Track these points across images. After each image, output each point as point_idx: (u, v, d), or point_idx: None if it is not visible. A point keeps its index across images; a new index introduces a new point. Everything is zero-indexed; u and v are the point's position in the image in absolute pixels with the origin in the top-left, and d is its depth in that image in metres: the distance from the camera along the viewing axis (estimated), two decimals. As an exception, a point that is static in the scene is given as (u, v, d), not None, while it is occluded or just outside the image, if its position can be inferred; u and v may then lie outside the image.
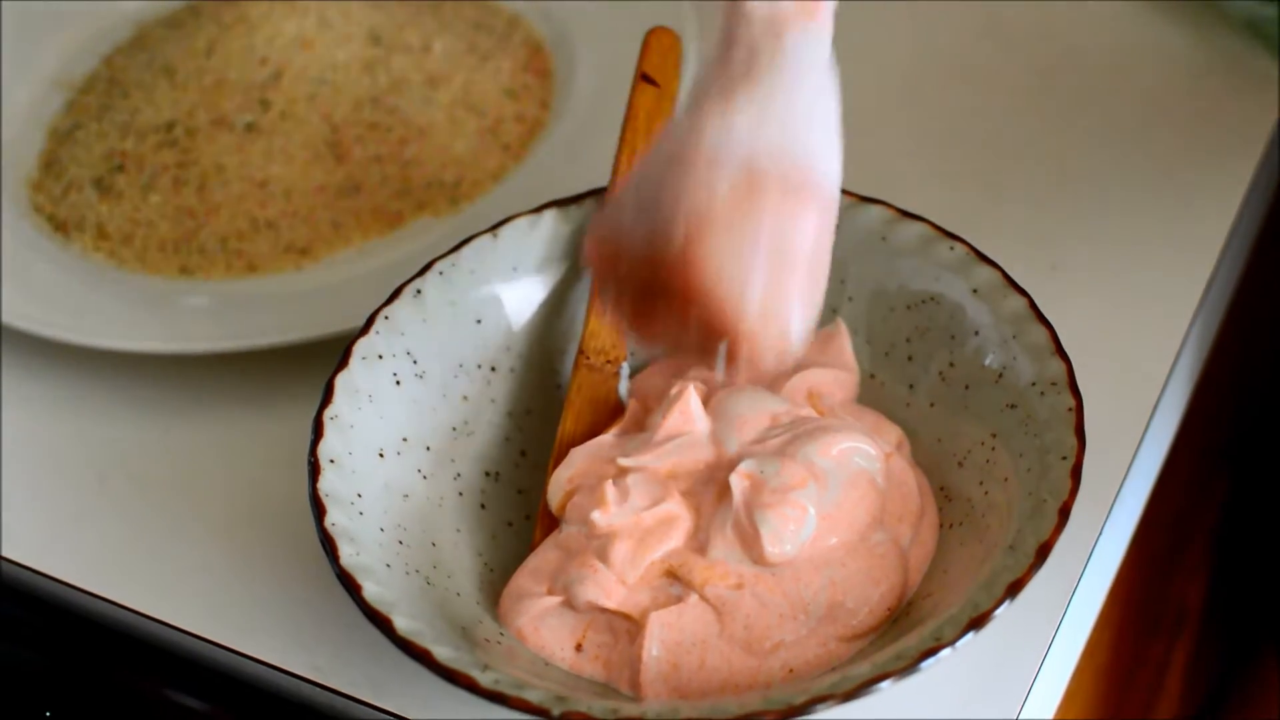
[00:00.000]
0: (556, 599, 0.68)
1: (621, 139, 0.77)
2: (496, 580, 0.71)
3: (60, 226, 0.87)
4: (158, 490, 0.77)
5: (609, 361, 0.73)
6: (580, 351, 0.73)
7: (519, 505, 0.73)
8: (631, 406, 0.73)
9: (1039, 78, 0.88)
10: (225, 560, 0.74)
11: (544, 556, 0.69)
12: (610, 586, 0.67)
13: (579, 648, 0.67)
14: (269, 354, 0.80)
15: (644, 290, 0.62)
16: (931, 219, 0.73)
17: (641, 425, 0.72)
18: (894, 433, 0.71)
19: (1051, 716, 0.71)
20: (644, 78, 0.78)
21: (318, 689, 0.70)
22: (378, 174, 0.86)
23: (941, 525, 0.70)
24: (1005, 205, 0.82)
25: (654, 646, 0.66)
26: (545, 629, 0.68)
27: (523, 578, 0.69)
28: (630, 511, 0.68)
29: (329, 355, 0.73)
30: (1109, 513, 0.72)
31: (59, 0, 0.97)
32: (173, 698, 0.72)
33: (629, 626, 0.67)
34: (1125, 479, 0.73)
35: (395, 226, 0.85)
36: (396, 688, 0.69)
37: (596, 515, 0.68)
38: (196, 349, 0.79)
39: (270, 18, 0.89)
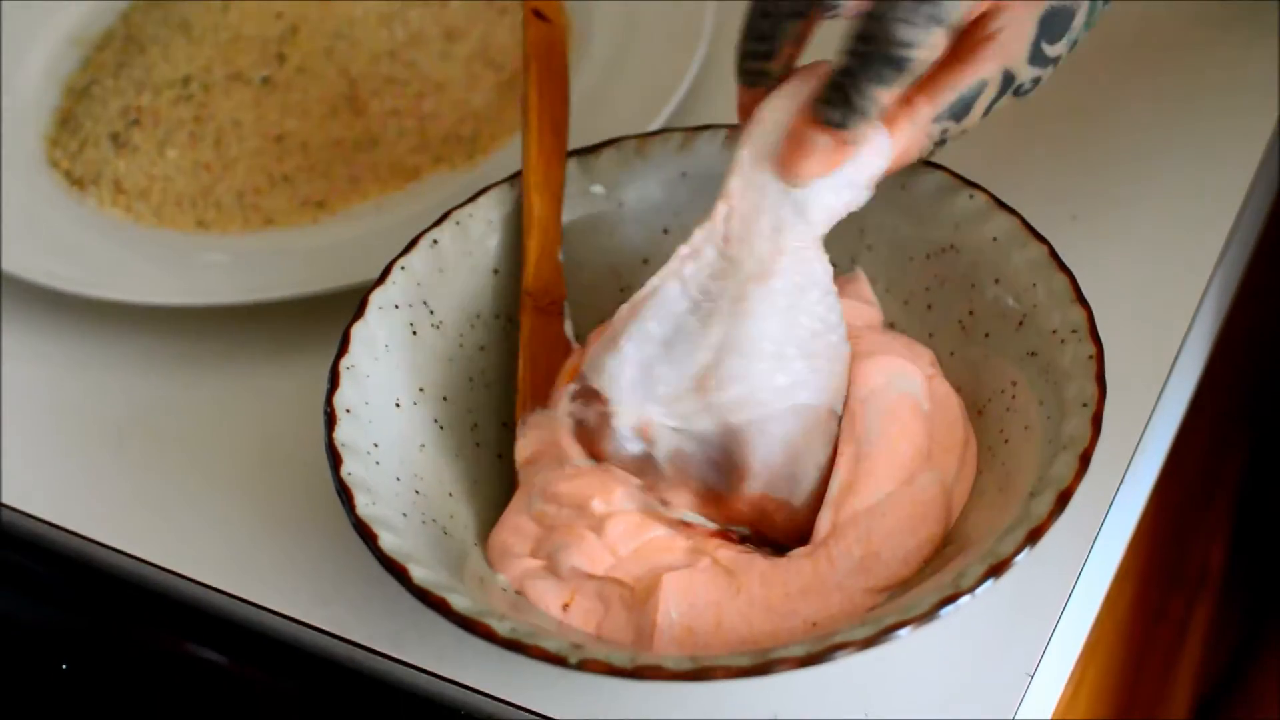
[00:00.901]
0: (539, 563, 0.67)
1: (526, 78, 0.76)
2: (514, 531, 0.70)
3: (77, 182, 0.87)
4: (176, 444, 0.77)
5: (552, 301, 0.73)
6: (525, 292, 0.72)
7: (537, 457, 0.73)
8: (579, 351, 0.72)
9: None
10: (244, 513, 0.74)
11: (523, 519, 0.68)
12: (598, 555, 0.66)
13: (565, 608, 0.66)
14: (287, 307, 0.79)
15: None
16: (951, 169, 0.72)
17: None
18: (926, 354, 0.70)
19: (1071, 668, 0.71)
20: (535, 14, 0.77)
21: (336, 641, 0.70)
22: (395, 128, 0.86)
23: None
24: (1025, 156, 0.81)
25: (671, 611, 0.65)
26: (531, 588, 0.67)
27: (505, 533, 0.68)
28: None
29: (347, 308, 0.72)
30: (1129, 463, 0.72)
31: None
32: (190, 650, 0.72)
33: (621, 592, 0.66)
34: (1146, 429, 0.73)
35: (412, 180, 0.85)
36: (415, 638, 0.69)
37: (597, 503, 0.67)
38: (214, 302, 0.79)
39: (286, -28, 0.89)
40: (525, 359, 0.72)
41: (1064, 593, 0.68)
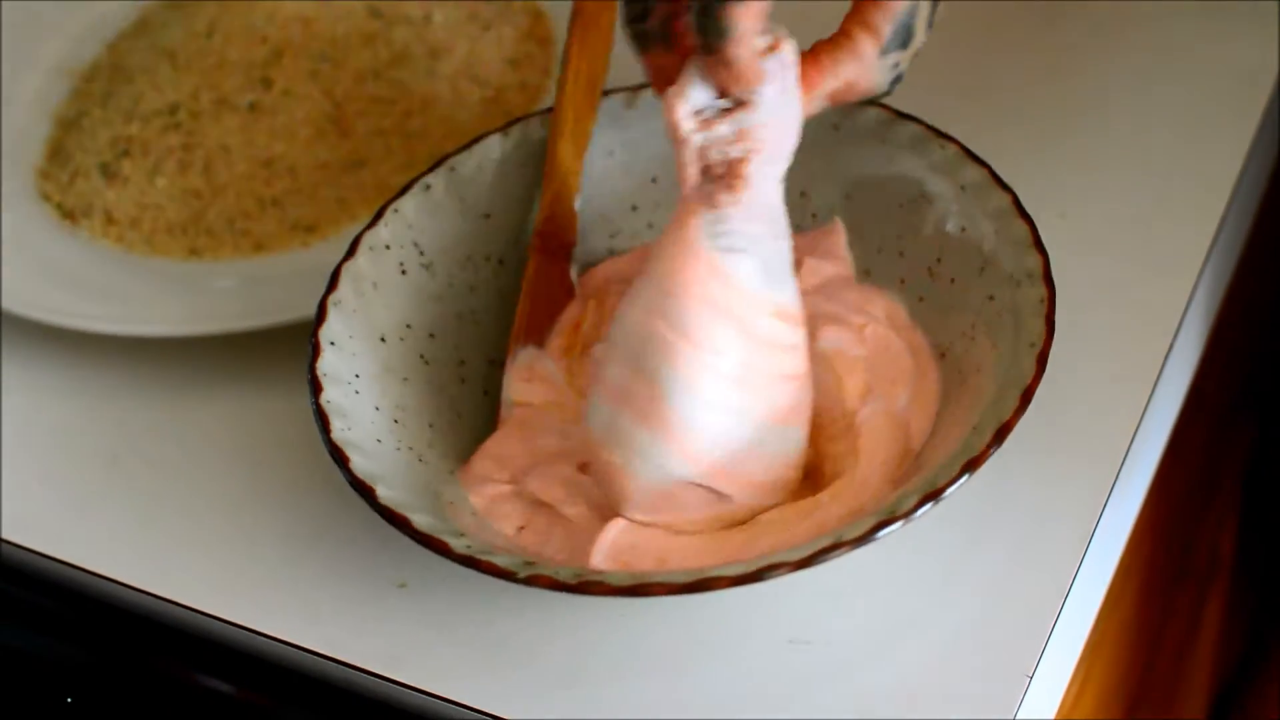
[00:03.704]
0: (509, 488, 0.69)
1: (572, 29, 0.78)
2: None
3: (68, 214, 0.87)
4: (169, 471, 0.77)
5: (561, 245, 0.75)
6: (536, 233, 0.75)
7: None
8: (580, 299, 0.74)
9: (1043, 24, 0.87)
10: (238, 538, 0.74)
11: (508, 447, 0.71)
12: (555, 485, 0.69)
13: (520, 530, 0.69)
14: (278, 331, 0.79)
15: None
16: (926, 121, 0.74)
17: (592, 321, 0.73)
18: (880, 304, 0.72)
19: (1074, 666, 0.71)
20: None
21: (332, 664, 0.70)
22: (382, 148, 0.86)
23: None
24: (1012, 153, 0.81)
25: (603, 552, 0.66)
26: (495, 510, 0.69)
27: (484, 461, 0.71)
28: None
29: (338, 331, 0.73)
30: (1126, 454, 0.71)
31: (63, -11, 0.97)
32: (189, 678, 0.72)
33: (564, 521, 0.68)
34: (1143, 418, 0.73)
35: (399, 201, 0.85)
36: (412, 660, 0.69)
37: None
38: (206, 330, 0.79)
39: (270, -4, 0.89)
40: (526, 295, 0.74)
41: (1062, 591, 0.68)
